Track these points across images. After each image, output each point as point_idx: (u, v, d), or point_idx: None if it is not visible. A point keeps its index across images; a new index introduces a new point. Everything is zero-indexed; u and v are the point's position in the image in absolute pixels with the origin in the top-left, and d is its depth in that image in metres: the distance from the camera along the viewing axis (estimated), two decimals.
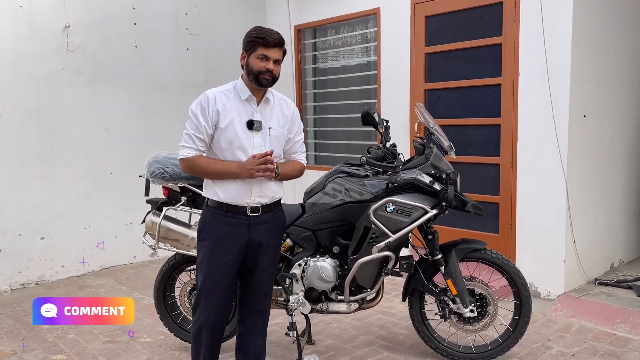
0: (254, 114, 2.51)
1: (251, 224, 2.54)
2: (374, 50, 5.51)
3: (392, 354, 3.38)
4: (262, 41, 2.43)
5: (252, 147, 2.49)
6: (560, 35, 4.03)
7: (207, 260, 2.55)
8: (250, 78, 2.48)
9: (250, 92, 2.50)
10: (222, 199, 2.51)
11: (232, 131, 2.46)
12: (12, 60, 4.74)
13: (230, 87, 2.54)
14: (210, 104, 2.45)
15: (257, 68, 2.45)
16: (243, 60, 2.50)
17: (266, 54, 2.44)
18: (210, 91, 2.50)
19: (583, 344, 3.48)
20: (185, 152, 2.48)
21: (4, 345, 3.62)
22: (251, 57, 2.46)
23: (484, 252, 3.14)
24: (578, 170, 4.21)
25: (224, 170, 2.48)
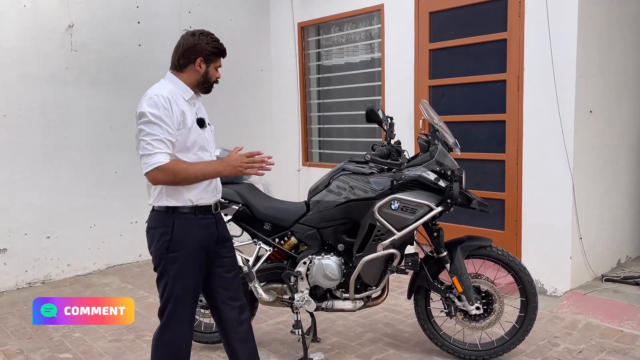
0: (196, 113, 2.49)
1: (217, 221, 2.55)
2: (378, 47, 5.48)
3: (397, 351, 3.37)
4: (222, 53, 2.54)
5: (208, 144, 2.49)
6: (565, 30, 4.00)
7: (185, 270, 2.41)
8: (205, 86, 2.50)
9: (193, 92, 2.48)
10: (195, 202, 2.42)
11: (195, 130, 2.41)
12: (17, 59, 4.76)
13: (170, 88, 2.40)
14: (172, 104, 2.32)
15: (213, 78, 2.52)
16: (200, 68, 2.46)
17: (220, 65, 2.56)
18: (161, 93, 2.33)
19: (590, 340, 3.46)
20: (161, 159, 2.25)
21: (10, 344, 3.64)
22: (211, 67, 2.50)
23: (490, 249, 3.13)
24: (584, 166, 4.18)
25: (205, 170, 2.36)
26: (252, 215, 3.22)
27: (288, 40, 6.29)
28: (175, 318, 2.45)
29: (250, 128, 6.40)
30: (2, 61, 4.67)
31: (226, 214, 3.18)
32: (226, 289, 2.61)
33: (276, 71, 6.54)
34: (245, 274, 3.14)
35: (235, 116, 6.24)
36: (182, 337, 2.50)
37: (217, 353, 3.40)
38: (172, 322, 2.46)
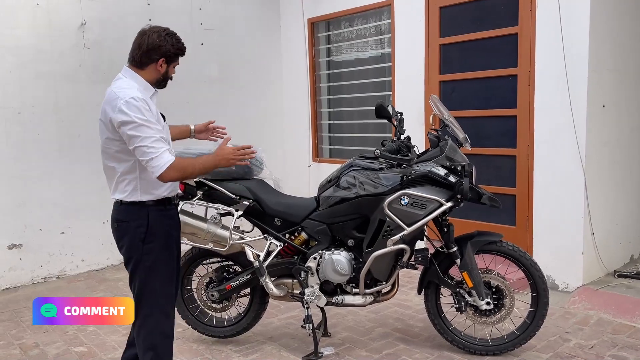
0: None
1: (178, 212, 2.68)
2: (388, 42, 5.47)
3: (408, 346, 3.39)
4: (184, 53, 2.58)
5: (169, 137, 2.57)
6: (578, 24, 3.97)
7: (162, 259, 2.48)
8: (162, 83, 2.56)
9: (153, 89, 2.54)
10: (166, 194, 2.49)
11: (165, 126, 2.52)
12: (31, 57, 4.82)
13: (136, 87, 2.42)
14: (149, 104, 2.38)
15: (170, 75, 2.58)
16: (161, 67, 2.49)
17: (179, 63, 2.59)
18: (135, 95, 2.34)
19: (602, 336, 3.44)
20: (169, 157, 2.31)
21: (26, 338, 3.71)
22: (171, 66, 2.54)
23: (500, 244, 3.12)
24: (596, 161, 4.15)
25: (207, 164, 2.51)
26: (262, 210, 3.24)
27: (298, 36, 6.30)
28: (158, 307, 2.51)
29: (261, 124, 6.43)
30: (16, 60, 4.74)
31: (237, 210, 3.22)
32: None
33: (286, 67, 6.55)
34: (257, 269, 3.17)
35: (246, 112, 6.26)
36: (167, 324, 2.55)
37: (229, 347, 3.44)
38: (155, 311, 2.50)
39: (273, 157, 5.90)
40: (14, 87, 4.75)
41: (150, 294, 2.49)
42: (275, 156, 6.36)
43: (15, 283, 4.83)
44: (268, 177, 3.39)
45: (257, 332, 3.63)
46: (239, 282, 3.31)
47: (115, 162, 2.44)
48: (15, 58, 4.73)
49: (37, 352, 3.47)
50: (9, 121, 4.74)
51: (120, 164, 2.43)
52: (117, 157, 2.43)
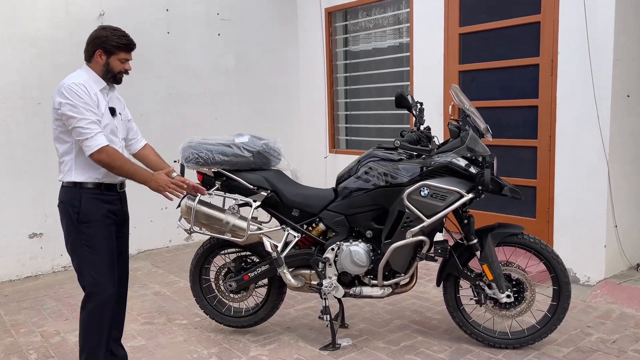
0: (109, 103, 2.68)
1: (121, 199, 2.75)
2: (407, 32, 5.40)
3: (426, 338, 3.36)
4: (126, 47, 2.66)
5: (117, 131, 2.69)
6: (602, 12, 3.87)
7: (100, 238, 2.60)
8: (108, 77, 2.66)
9: (105, 82, 2.67)
10: (100, 179, 2.61)
11: (107, 116, 2.62)
12: (50, 48, 4.85)
13: (84, 77, 2.59)
14: (88, 89, 2.52)
15: (117, 70, 2.66)
16: (100, 59, 2.62)
17: (127, 58, 2.68)
18: (77, 80, 2.53)
19: (624, 330, 3.38)
20: (102, 140, 2.49)
21: (47, 325, 3.76)
22: (112, 58, 2.63)
23: (521, 236, 3.07)
24: (620, 152, 4.06)
25: (138, 173, 2.59)
26: (280, 201, 3.23)
27: (315, 26, 6.25)
28: (97, 285, 2.61)
29: (277, 114, 6.42)
30: (36, 50, 4.77)
31: (255, 200, 3.21)
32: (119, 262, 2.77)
33: (303, 57, 6.51)
34: (274, 259, 3.17)
35: (262, 102, 6.25)
36: (106, 302, 2.64)
37: (247, 337, 3.45)
38: (94, 288, 2.62)
39: (289, 147, 5.88)
40: (33, 77, 4.79)
41: (88, 274, 2.62)
42: (292, 147, 6.34)
43: (37, 271, 4.91)
44: (286, 168, 3.38)
45: (275, 322, 3.63)
46: (256, 273, 3.31)
47: (58, 143, 2.62)
48: (35, 49, 4.77)
49: (58, 340, 3.51)
50: (28, 112, 4.79)
51: (61, 145, 2.61)
52: (59, 138, 2.61)
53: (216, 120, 5.85)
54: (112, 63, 2.64)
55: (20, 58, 4.71)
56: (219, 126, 5.79)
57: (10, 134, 4.71)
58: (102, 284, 2.63)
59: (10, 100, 4.70)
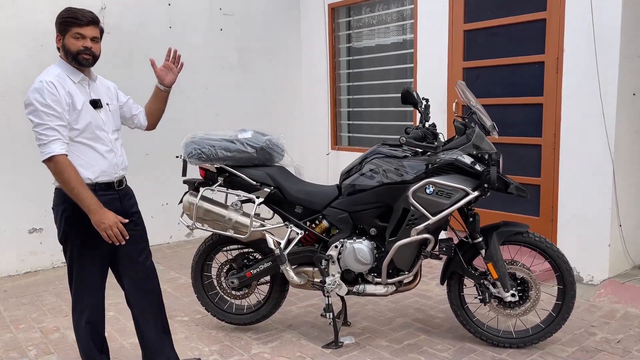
0: (90, 94, 2.52)
1: (120, 197, 2.59)
2: (410, 28, 5.37)
3: (429, 337, 3.34)
4: (75, 20, 2.41)
5: (104, 124, 2.53)
6: (609, 9, 3.83)
7: (88, 242, 2.47)
8: (70, 59, 2.44)
9: (82, 73, 2.49)
10: (93, 179, 2.46)
11: (87, 111, 2.45)
12: (52, 42, 4.74)
13: (58, 72, 2.43)
14: (58, 89, 2.35)
15: (74, 48, 2.42)
16: (59, 43, 2.46)
17: (81, 33, 2.42)
18: (47, 77, 2.36)
19: (629, 330, 3.36)
20: (55, 148, 2.30)
21: (47, 321, 3.73)
22: (66, 38, 2.43)
23: (527, 235, 3.04)
24: (625, 151, 4.03)
25: (84, 197, 2.34)
26: (283, 197, 3.20)
27: (318, 22, 6.21)
28: (86, 288, 2.57)
29: (279, 110, 6.38)
30: (37, 44, 4.73)
31: (258, 197, 3.18)
32: (131, 261, 2.67)
33: (306, 53, 6.47)
34: (277, 256, 3.14)
35: (265, 98, 6.22)
36: (94, 304, 2.61)
37: (249, 335, 3.42)
38: (83, 292, 2.58)
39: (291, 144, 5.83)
40: (34, 71, 4.65)
41: (77, 276, 2.56)
42: (294, 143, 6.31)
43: (36, 267, 4.88)
44: (289, 164, 3.35)
45: (277, 319, 3.61)
46: (259, 270, 3.28)
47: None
48: (36, 42, 4.73)
49: (58, 336, 3.48)
50: None
51: None
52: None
53: (218, 115, 5.81)
54: (67, 43, 2.42)
55: (21, 51, 4.67)
56: (221, 121, 5.75)
57: (11, 128, 4.67)
58: (86, 300, 2.58)
59: (11, 93, 4.66)
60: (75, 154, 2.43)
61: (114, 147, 2.56)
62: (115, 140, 2.60)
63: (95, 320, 2.66)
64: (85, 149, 2.45)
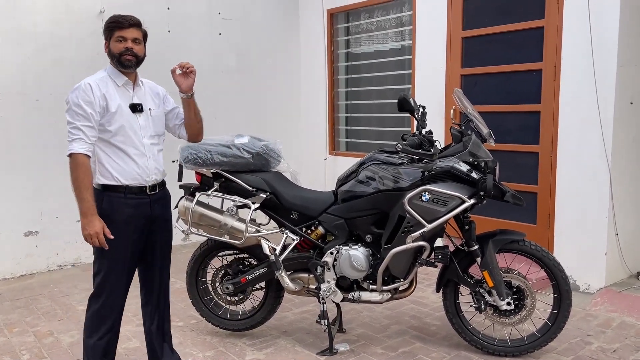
0: (133, 98, 2.60)
1: (151, 201, 2.63)
2: (409, 35, 5.37)
3: (424, 344, 3.32)
4: (117, 24, 2.53)
5: (140, 128, 2.59)
6: (607, 18, 3.84)
7: (113, 244, 2.50)
8: (115, 62, 2.56)
9: (126, 77, 2.59)
10: (123, 181, 2.53)
11: (121, 115, 2.52)
12: (49, 44, 4.81)
13: (102, 75, 2.56)
14: (94, 90, 2.46)
15: (116, 50, 2.53)
16: (106, 48, 2.58)
17: (122, 35, 2.53)
18: (88, 79, 2.50)
19: (625, 340, 3.35)
20: (76, 147, 2.42)
21: (41, 325, 3.71)
22: (111, 42, 2.55)
23: (523, 243, 3.04)
24: (623, 159, 4.03)
25: (84, 199, 2.41)
26: (279, 203, 3.19)
27: (317, 27, 6.22)
28: (106, 288, 2.60)
29: (278, 115, 6.38)
30: (35, 46, 4.73)
31: (254, 202, 3.17)
32: (150, 266, 2.76)
33: (304, 58, 6.48)
34: (272, 262, 3.13)
35: (263, 103, 6.22)
36: (111, 306, 2.63)
37: (243, 341, 3.41)
38: (102, 292, 2.60)
39: (289, 149, 5.83)
40: (32, 73, 4.75)
41: (100, 276, 2.59)
42: (291, 148, 6.30)
43: (31, 270, 4.86)
44: (285, 170, 3.34)
45: (272, 326, 3.59)
46: (254, 276, 3.27)
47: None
48: (34, 44, 4.73)
49: (52, 340, 3.47)
50: (26, 108, 4.74)
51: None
52: None
53: (216, 119, 5.79)
54: (112, 46, 2.55)
55: (19, 53, 4.67)
56: (219, 126, 5.73)
57: (8, 131, 4.66)
58: (107, 291, 2.60)
59: (8, 96, 4.65)
60: (108, 154, 2.53)
61: (147, 152, 2.60)
62: (151, 145, 2.63)
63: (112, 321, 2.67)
64: (116, 151, 2.53)
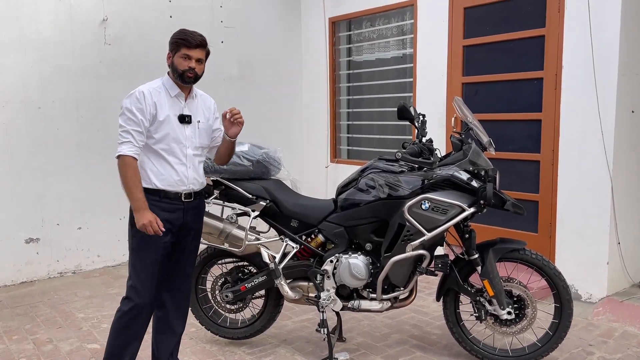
0: (183, 109, 2.69)
1: (185, 208, 2.70)
2: (410, 43, 5.39)
3: (425, 354, 3.30)
4: (185, 42, 2.62)
5: (185, 138, 2.67)
6: (608, 26, 3.84)
7: (145, 244, 2.61)
8: (176, 76, 2.66)
9: (179, 89, 2.68)
10: (159, 186, 2.62)
11: (168, 124, 2.62)
12: (52, 52, 4.84)
13: (158, 84, 2.67)
14: (146, 99, 2.57)
15: (181, 67, 2.63)
16: (169, 60, 2.67)
17: (188, 54, 2.63)
18: (143, 87, 2.62)
19: (627, 350, 3.32)
20: (124, 149, 2.53)
21: (40, 333, 3.70)
22: (175, 56, 2.64)
23: (523, 252, 3.02)
24: (624, 168, 4.02)
25: (134, 196, 2.53)
26: (279, 211, 3.19)
27: (319, 36, 6.24)
28: (134, 289, 2.66)
29: (279, 123, 6.39)
30: (38, 54, 4.76)
31: (254, 210, 3.17)
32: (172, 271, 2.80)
33: (306, 66, 6.50)
34: (272, 270, 3.12)
35: (265, 111, 6.23)
36: (138, 308, 2.67)
37: (242, 349, 3.39)
38: (131, 292, 2.67)
39: (290, 157, 5.85)
40: (34, 81, 4.78)
41: (133, 274, 2.68)
42: (293, 156, 6.31)
43: (32, 277, 4.86)
44: (285, 178, 3.34)
45: (271, 334, 3.58)
46: (253, 284, 3.26)
47: None
48: (37, 52, 4.75)
49: (51, 348, 3.46)
50: (29, 115, 4.76)
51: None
52: None
53: None
54: (176, 61, 2.63)
55: (22, 61, 4.69)
56: None
57: (10, 138, 4.68)
58: (138, 291, 2.66)
59: (11, 103, 4.67)
60: (150, 159, 2.63)
61: (187, 162, 2.68)
62: (193, 155, 2.71)
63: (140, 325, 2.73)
64: (158, 157, 2.63)
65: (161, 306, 2.86)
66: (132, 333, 2.70)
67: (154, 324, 2.90)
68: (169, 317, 2.87)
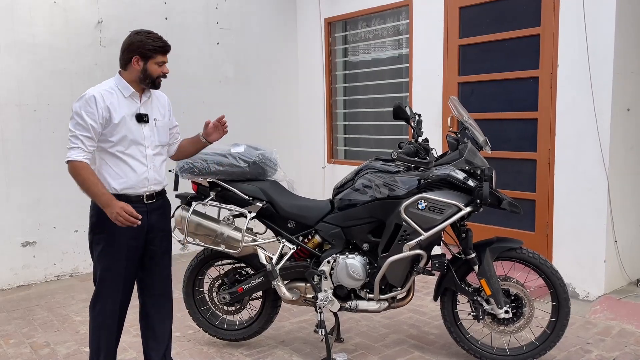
0: (140, 109, 2.64)
1: (148, 210, 2.66)
2: (406, 43, 5.39)
3: (423, 354, 3.30)
4: (162, 49, 2.60)
5: (144, 138, 2.63)
6: (603, 25, 3.85)
7: (109, 250, 2.59)
8: (147, 82, 2.62)
9: (133, 89, 2.62)
10: (119, 190, 2.57)
11: (124, 125, 2.56)
12: (47, 55, 4.82)
13: (111, 85, 2.60)
14: (98, 102, 2.50)
15: (155, 74, 2.61)
16: (137, 65, 2.58)
17: (164, 60, 2.63)
18: (94, 90, 2.54)
19: (624, 348, 3.33)
20: (73, 155, 2.48)
21: (37, 336, 3.69)
22: (149, 63, 2.59)
23: (520, 251, 3.02)
24: (620, 166, 4.03)
25: (97, 194, 2.48)
26: (276, 212, 3.19)
27: (314, 36, 6.24)
28: (102, 294, 2.66)
29: (276, 124, 6.39)
30: (33, 57, 4.75)
31: (250, 211, 3.16)
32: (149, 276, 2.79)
33: (302, 67, 6.50)
34: (269, 271, 3.11)
35: (261, 112, 6.23)
36: (108, 312, 2.67)
37: (240, 351, 3.39)
38: (99, 297, 2.67)
39: (287, 158, 5.85)
40: (30, 84, 4.76)
41: (99, 282, 2.65)
42: (290, 157, 6.31)
43: (29, 280, 4.84)
44: (282, 179, 3.34)
45: (269, 335, 3.57)
46: (251, 285, 3.26)
47: None
48: (32, 56, 4.74)
49: (48, 352, 3.45)
50: (25, 119, 4.75)
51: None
52: None
53: None
54: (149, 68, 2.59)
55: (17, 65, 4.68)
56: None
57: (5, 142, 4.67)
58: (107, 295, 2.65)
59: (6, 107, 4.66)
60: (108, 163, 2.57)
61: (148, 162, 2.64)
62: (153, 155, 2.67)
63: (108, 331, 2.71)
64: (116, 160, 2.57)
65: (145, 316, 2.85)
66: (104, 333, 2.70)
67: (142, 332, 2.89)
68: (154, 324, 2.85)
